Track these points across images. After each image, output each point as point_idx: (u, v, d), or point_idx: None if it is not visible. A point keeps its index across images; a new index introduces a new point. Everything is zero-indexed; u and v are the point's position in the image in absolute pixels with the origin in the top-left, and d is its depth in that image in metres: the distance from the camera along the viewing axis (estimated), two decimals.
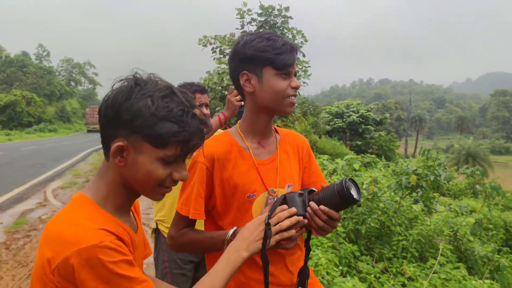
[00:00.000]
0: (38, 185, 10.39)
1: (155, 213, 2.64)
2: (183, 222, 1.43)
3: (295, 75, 1.43)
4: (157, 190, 1.03)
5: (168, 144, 0.95)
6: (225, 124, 2.39)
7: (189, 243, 1.43)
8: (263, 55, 1.35)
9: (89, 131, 48.57)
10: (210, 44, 11.57)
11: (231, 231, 1.33)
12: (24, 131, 42.92)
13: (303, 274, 1.42)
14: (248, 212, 1.41)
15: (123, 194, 1.04)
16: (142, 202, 8.76)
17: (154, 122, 0.93)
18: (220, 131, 2.46)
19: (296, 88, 1.40)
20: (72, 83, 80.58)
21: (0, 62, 58.38)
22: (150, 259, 4.71)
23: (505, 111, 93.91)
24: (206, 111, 2.74)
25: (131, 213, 1.16)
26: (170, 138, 0.94)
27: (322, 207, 1.24)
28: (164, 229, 2.54)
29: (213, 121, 2.34)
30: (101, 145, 1.03)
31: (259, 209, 1.41)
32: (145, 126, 0.93)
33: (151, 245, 2.79)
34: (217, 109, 10.51)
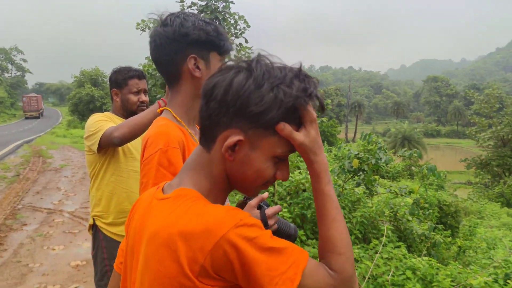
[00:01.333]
0: None
1: (91, 208, 2.45)
2: None
3: None
4: (259, 189, 0.93)
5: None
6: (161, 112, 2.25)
7: None
8: (213, 39, 1.31)
9: (26, 118, 50.72)
10: (149, 28, 11.09)
11: None
12: None
13: None
14: None
15: (225, 189, 0.93)
16: (80, 195, 8.33)
17: None
18: None
19: None
20: None
21: None
22: (89, 255, 4.47)
23: (436, 96, 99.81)
24: (145, 97, 2.58)
25: None
26: None
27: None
28: (102, 225, 2.37)
29: (153, 108, 2.18)
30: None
31: None
32: (275, 121, 0.82)
33: (89, 242, 2.63)
34: (158, 96, 10.17)
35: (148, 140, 1.28)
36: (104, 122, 2.32)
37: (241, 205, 1.30)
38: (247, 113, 0.81)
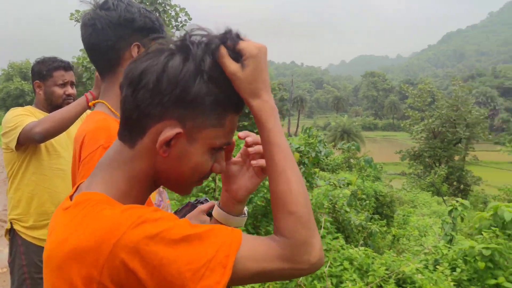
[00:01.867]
0: None
1: (9, 211, 2.26)
2: None
3: None
4: (194, 185, 0.84)
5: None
6: (93, 106, 2.09)
7: None
8: (157, 28, 1.26)
9: None
10: None
11: None
12: None
13: None
14: None
15: (147, 188, 0.81)
16: (3, 197, 7.74)
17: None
18: (88, 112, 2.14)
19: None
20: None
21: None
22: (6, 262, 4.16)
23: (374, 90, 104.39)
24: (72, 90, 2.41)
25: None
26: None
27: None
28: (21, 229, 2.18)
29: (80, 101, 2.02)
30: None
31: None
32: (218, 105, 0.74)
33: (5, 249, 2.41)
34: None
35: (86, 137, 1.15)
36: (24, 116, 2.14)
37: (190, 208, 1.18)
38: (187, 101, 0.71)
